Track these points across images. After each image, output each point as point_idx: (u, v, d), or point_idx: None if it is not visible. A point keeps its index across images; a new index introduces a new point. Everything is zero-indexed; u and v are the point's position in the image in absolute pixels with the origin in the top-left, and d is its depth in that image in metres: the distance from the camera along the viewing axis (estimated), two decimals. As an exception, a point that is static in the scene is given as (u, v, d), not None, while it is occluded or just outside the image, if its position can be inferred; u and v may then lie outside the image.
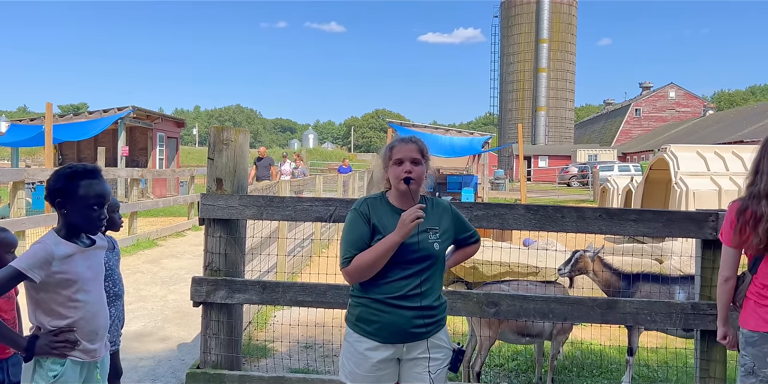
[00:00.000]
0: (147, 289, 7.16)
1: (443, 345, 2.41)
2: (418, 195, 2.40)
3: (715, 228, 3.43)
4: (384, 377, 2.37)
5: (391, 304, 2.31)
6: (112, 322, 3.00)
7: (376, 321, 2.33)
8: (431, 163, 2.46)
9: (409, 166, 2.34)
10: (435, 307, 2.38)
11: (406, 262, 2.31)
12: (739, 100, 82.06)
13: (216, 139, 3.81)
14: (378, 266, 2.28)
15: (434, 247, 2.34)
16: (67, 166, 2.19)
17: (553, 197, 26.24)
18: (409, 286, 2.31)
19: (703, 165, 11.27)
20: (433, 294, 2.38)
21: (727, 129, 43.69)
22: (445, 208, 2.47)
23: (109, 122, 18.21)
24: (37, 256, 2.05)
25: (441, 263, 2.42)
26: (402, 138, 2.45)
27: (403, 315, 2.31)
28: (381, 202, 2.41)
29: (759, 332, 2.54)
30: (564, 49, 60.94)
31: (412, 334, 2.33)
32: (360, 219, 2.35)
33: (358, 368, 2.36)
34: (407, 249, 2.30)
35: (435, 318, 2.38)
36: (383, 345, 2.33)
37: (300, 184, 10.54)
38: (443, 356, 2.41)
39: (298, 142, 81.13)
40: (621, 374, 4.35)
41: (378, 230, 2.32)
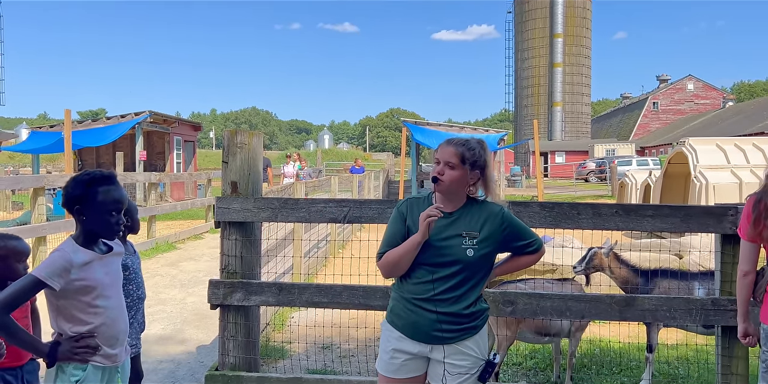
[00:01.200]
0: (166, 292, 7.23)
1: (471, 353, 2.35)
2: (455, 198, 2.36)
3: (735, 222, 3.39)
4: (404, 368, 2.37)
5: (416, 304, 2.34)
6: (132, 325, 3.04)
7: (404, 317, 2.37)
8: (486, 169, 2.37)
9: (441, 167, 2.33)
10: (465, 315, 2.33)
11: (432, 265, 2.32)
12: (759, 90, 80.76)
13: (230, 142, 3.84)
14: (403, 264, 2.33)
15: (466, 253, 2.30)
16: (84, 172, 2.22)
17: (571, 193, 26.03)
18: (435, 290, 2.31)
19: (723, 158, 11.09)
20: (463, 302, 2.32)
21: (748, 120, 43.00)
22: (493, 213, 2.38)
23: (127, 127, 18.42)
24: (56, 265, 2.08)
25: (478, 271, 2.34)
26: (449, 140, 2.42)
27: (427, 317, 2.32)
28: (424, 201, 2.42)
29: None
30: (579, 43, 60.40)
31: (435, 337, 2.33)
32: (398, 217, 2.42)
33: (384, 354, 2.41)
34: (434, 252, 2.30)
35: (463, 325, 2.33)
36: (408, 339, 2.36)
37: (315, 186, 10.58)
38: (469, 364, 2.34)
39: (313, 143, 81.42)
40: (641, 371, 4.31)
41: (411, 229, 2.36)
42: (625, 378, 4.32)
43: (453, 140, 2.40)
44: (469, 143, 2.38)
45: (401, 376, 2.38)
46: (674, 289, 4.22)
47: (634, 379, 4.26)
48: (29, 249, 2.69)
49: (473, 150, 2.35)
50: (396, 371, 2.38)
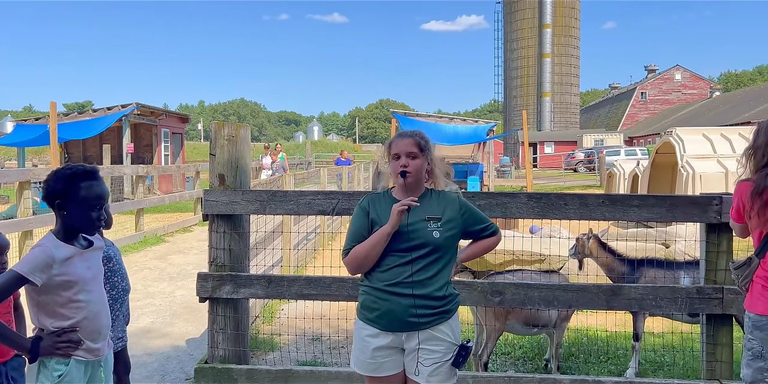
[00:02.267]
0: (155, 286, 7.21)
1: (445, 338, 2.39)
2: (417, 187, 2.46)
3: (719, 212, 3.42)
4: (385, 365, 2.41)
5: (388, 291, 2.37)
6: (117, 317, 3.03)
7: (376, 308, 2.39)
8: (434, 157, 2.49)
9: (405, 160, 2.41)
10: (437, 297, 2.38)
11: (402, 250, 2.37)
12: (746, 80, 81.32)
13: (217, 134, 3.82)
14: (372, 256, 2.37)
15: (433, 234, 2.37)
16: (66, 167, 2.19)
17: (560, 183, 26.14)
18: (406, 273, 2.36)
19: (710, 147, 11.19)
20: (435, 284, 2.38)
21: (734, 110, 43.32)
22: (452, 199, 2.49)
23: (113, 120, 18.24)
24: (38, 260, 2.07)
25: (445, 253, 2.42)
26: (400, 133, 2.51)
27: (401, 303, 2.35)
28: (384, 196, 2.50)
29: (766, 316, 2.53)
30: (568, 33, 60.41)
31: (410, 323, 2.36)
32: (361, 213, 2.48)
33: (361, 354, 2.43)
34: (403, 237, 2.37)
35: (436, 309, 2.38)
36: (383, 332, 2.39)
37: (304, 178, 10.55)
38: (444, 349, 2.38)
39: (303, 135, 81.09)
40: (628, 360, 4.36)
41: (376, 222, 2.42)
42: (612, 366, 4.37)
43: (405, 133, 2.49)
44: (419, 133, 2.49)
45: (384, 373, 2.42)
46: (660, 278, 4.27)
47: (621, 367, 4.31)
48: (8, 243, 2.67)
49: (424, 138, 2.48)
50: (378, 369, 2.41)
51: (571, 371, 4.25)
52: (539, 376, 3.60)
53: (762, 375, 2.54)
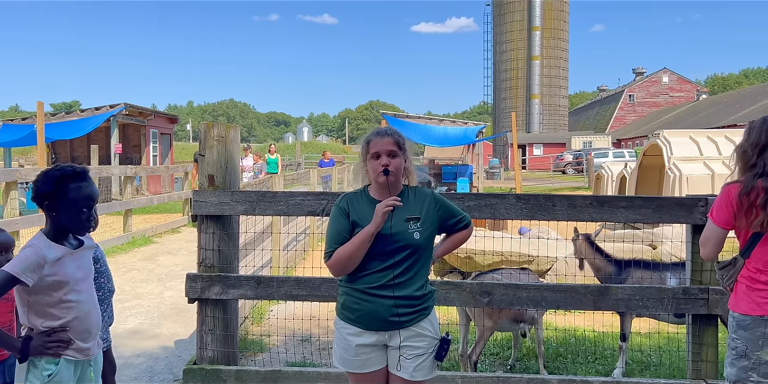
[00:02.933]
0: (143, 287, 7.17)
1: (426, 334, 2.43)
2: (398, 186, 2.45)
3: (705, 213, 3.46)
4: (369, 361, 2.44)
5: (371, 293, 2.38)
6: (103, 318, 3.02)
7: (358, 309, 2.40)
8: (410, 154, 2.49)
9: (386, 159, 2.39)
10: (417, 297, 2.41)
11: (385, 253, 2.37)
12: (732, 83, 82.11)
13: (206, 135, 3.81)
14: (356, 258, 2.35)
15: (413, 236, 2.38)
16: (55, 168, 2.18)
17: (548, 185, 26.28)
18: (389, 276, 2.36)
19: (696, 150, 11.30)
20: (415, 284, 2.41)
21: (721, 113, 43.72)
22: (427, 195, 2.49)
23: (101, 120, 18.12)
24: (29, 261, 2.06)
25: (424, 253, 2.43)
26: (378, 131, 2.49)
27: (383, 304, 2.37)
28: (361, 196, 2.47)
29: (751, 316, 2.55)
30: (557, 36, 60.72)
31: (391, 322, 2.38)
32: (339, 214, 2.43)
33: (345, 353, 2.45)
34: (386, 240, 2.35)
35: (416, 307, 2.41)
36: (366, 331, 2.41)
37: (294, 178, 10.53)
38: (426, 345, 2.42)
39: (292, 136, 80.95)
40: (615, 360, 4.39)
41: (357, 223, 2.39)
42: (599, 366, 4.40)
43: (383, 131, 2.47)
44: (395, 130, 2.48)
45: (369, 369, 2.45)
46: (647, 279, 4.31)
47: (609, 368, 4.34)
48: (13, 241, 2.67)
49: (402, 136, 2.47)
50: (362, 366, 2.44)
51: (559, 371, 4.28)
52: (527, 376, 3.62)
53: (746, 374, 2.56)
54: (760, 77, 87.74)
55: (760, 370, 2.53)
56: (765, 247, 2.56)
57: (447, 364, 4.38)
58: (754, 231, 2.57)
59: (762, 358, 2.53)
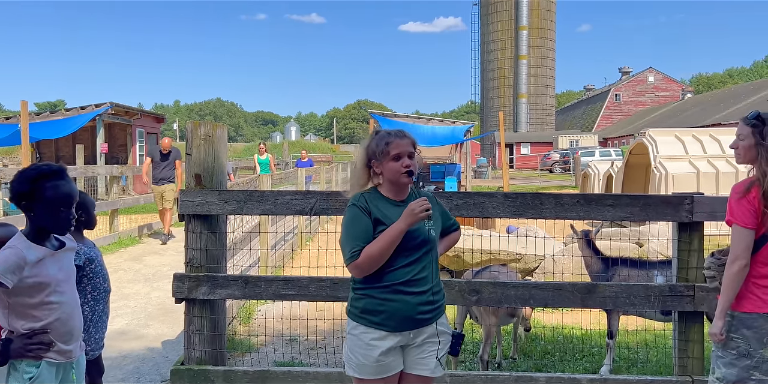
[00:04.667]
0: (130, 287, 7.11)
1: (445, 330, 2.50)
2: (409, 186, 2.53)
3: (691, 211, 3.49)
4: (391, 364, 2.41)
5: (398, 290, 2.36)
6: (100, 318, 3.00)
7: (383, 311, 2.36)
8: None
9: (408, 160, 2.42)
10: (437, 292, 2.47)
11: (408, 249, 2.38)
12: (716, 83, 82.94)
13: (193, 134, 3.79)
14: (387, 255, 2.34)
15: (430, 233, 2.45)
16: (31, 167, 2.14)
17: (536, 184, 26.40)
18: (413, 271, 2.39)
19: (682, 148, 11.39)
20: (435, 279, 2.48)
21: (705, 112, 44.16)
22: (430, 197, 2.56)
23: (87, 119, 17.94)
24: (9, 262, 2.03)
25: (436, 250, 2.51)
26: (395, 133, 2.48)
27: (409, 302, 2.36)
28: (375, 195, 2.47)
29: (758, 313, 2.54)
30: (544, 36, 60.98)
31: (419, 320, 2.39)
32: (361, 213, 2.40)
33: (366, 359, 2.38)
34: (409, 236, 2.37)
35: (438, 303, 2.47)
36: (391, 334, 2.37)
37: (281, 178, 10.50)
38: (445, 340, 2.49)
39: (280, 135, 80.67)
40: (603, 357, 4.42)
41: (381, 221, 2.38)
42: (587, 363, 4.43)
43: (401, 133, 2.49)
44: (405, 131, 2.52)
45: (387, 374, 2.42)
46: (634, 276, 4.34)
47: (596, 365, 4.37)
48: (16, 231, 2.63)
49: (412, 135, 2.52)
50: (383, 372, 2.40)
51: (546, 369, 4.30)
52: (516, 374, 3.63)
53: (748, 373, 2.53)
54: (743, 77, 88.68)
55: (763, 368, 2.52)
56: None
57: (471, 365, 4.38)
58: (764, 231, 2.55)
59: (765, 356, 2.52)
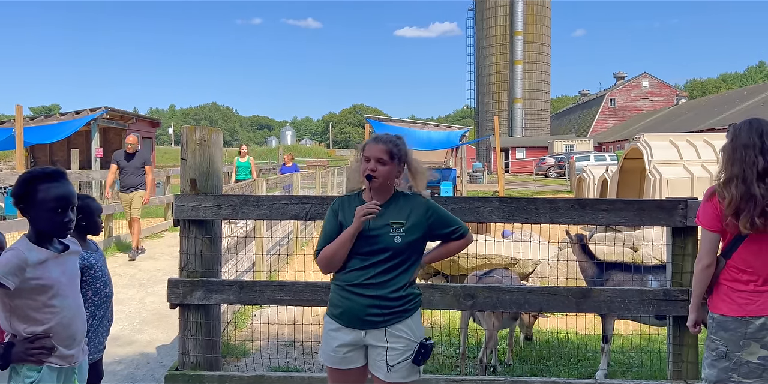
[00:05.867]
0: (124, 292, 7.08)
1: (403, 336, 2.48)
2: (383, 191, 2.54)
3: (685, 216, 3.50)
4: (348, 359, 2.53)
5: (349, 290, 2.50)
6: (101, 322, 2.99)
7: (339, 306, 2.53)
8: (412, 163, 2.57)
9: (374, 164, 2.49)
10: (394, 298, 2.48)
11: (364, 254, 2.49)
12: (710, 88, 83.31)
13: (188, 139, 3.78)
14: (339, 256, 2.49)
15: (395, 240, 2.47)
16: (28, 171, 2.17)
17: (531, 188, 26.45)
18: (366, 276, 2.47)
19: (676, 153, 11.44)
20: (392, 286, 2.48)
21: (700, 117, 44.37)
22: (419, 203, 2.55)
23: (82, 123, 17.91)
24: (11, 263, 2.03)
25: (407, 257, 2.51)
26: (377, 137, 2.57)
27: (359, 302, 2.48)
28: (354, 199, 2.58)
29: (733, 317, 2.57)
30: (539, 41, 61.25)
31: (367, 321, 2.48)
32: (331, 215, 2.59)
33: (327, 347, 2.57)
34: (366, 241, 2.48)
35: (392, 309, 2.48)
36: (345, 328, 2.52)
37: (276, 183, 10.48)
38: (403, 347, 2.48)
39: (275, 139, 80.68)
40: (598, 362, 4.42)
41: (344, 225, 2.53)
42: (582, 368, 4.43)
43: (380, 138, 2.56)
44: (394, 139, 2.56)
45: (345, 366, 2.54)
46: (628, 281, 4.35)
47: (591, 369, 4.37)
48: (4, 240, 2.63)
49: (399, 146, 2.55)
50: (341, 362, 2.54)
51: (542, 374, 4.29)
52: (511, 378, 3.63)
53: (727, 374, 2.57)
54: (737, 82, 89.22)
55: (741, 371, 2.55)
56: (747, 249, 2.58)
57: (431, 368, 4.38)
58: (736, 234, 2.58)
59: (743, 359, 2.54)
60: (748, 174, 2.52)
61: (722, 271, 2.64)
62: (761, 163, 2.52)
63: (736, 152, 2.58)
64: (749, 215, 2.49)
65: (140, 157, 9.47)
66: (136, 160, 9.43)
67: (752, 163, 2.52)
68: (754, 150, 2.54)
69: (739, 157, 2.56)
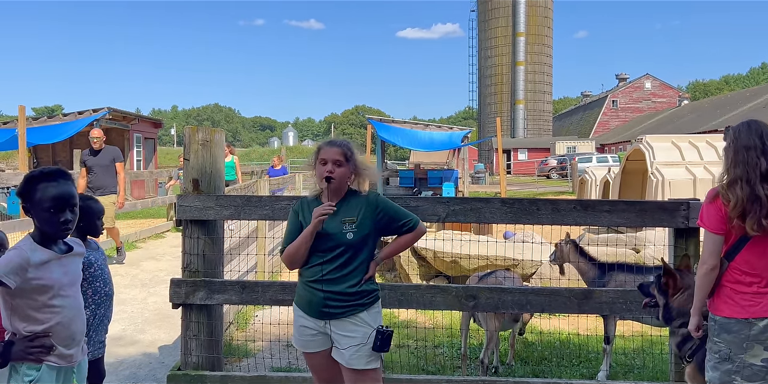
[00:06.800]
0: (126, 292, 7.09)
1: (359, 325, 2.62)
2: (339, 191, 2.69)
3: (687, 217, 3.50)
4: (312, 343, 2.71)
5: (310, 286, 2.66)
6: (101, 322, 3.00)
7: (302, 296, 2.72)
8: (360, 163, 2.72)
9: (331, 166, 2.65)
10: (349, 293, 2.62)
11: (321, 251, 2.65)
12: (713, 89, 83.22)
13: (191, 139, 3.79)
14: (300, 254, 2.66)
15: (347, 236, 2.62)
16: (32, 170, 2.19)
17: (533, 189, 26.43)
18: (324, 270, 2.63)
19: (678, 155, 11.42)
20: (347, 281, 2.62)
21: (702, 118, 44.31)
22: (368, 200, 2.70)
23: (84, 124, 17.94)
24: (13, 263, 2.04)
25: (358, 252, 2.64)
26: (330, 141, 2.75)
27: (316, 295, 2.64)
28: (313, 201, 2.75)
29: (736, 319, 2.55)
30: (541, 42, 61.26)
31: (324, 313, 2.63)
32: (293, 216, 2.77)
33: (296, 332, 2.77)
34: (323, 239, 2.63)
35: (349, 303, 2.62)
36: (306, 315, 2.70)
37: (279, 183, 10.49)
38: (360, 336, 2.61)
39: (278, 140, 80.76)
40: (599, 363, 4.42)
41: (303, 225, 2.68)
42: (584, 369, 4.43)
43: (335, 141, 2.74)
44: (345, 142, 2.74)
45: (312, 350, 2.72)
46: (630, 282, 4.35)
47: (593, 371, 4.37)
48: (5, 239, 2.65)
49: (351, 149, 2.72)
50: (306, 346, 2.72)
51: (543, 375, 4.30)
52: (513, 379, 3.63)
53: (730, 377, 2.55)
54: (740, 83, 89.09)
55: (744, 373, 2.53)
56: (751, 250, 2.57)
57: (433, 368, 4.38)
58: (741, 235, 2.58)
59: (746, 361, 2.53)
60: (751, 176, 2.52)
61: (725, 273, 2.63)
62: (764, 165, 2.52)
63: (738, 154, 2.57)
64: (756, 217, 2.49)
65: (108, 153, 8.19)
66: (103, 157, 8.11)
67: (755, 164, 2.53)
68: (756, 151, 2.54)
69: (741, 159, 2.56)
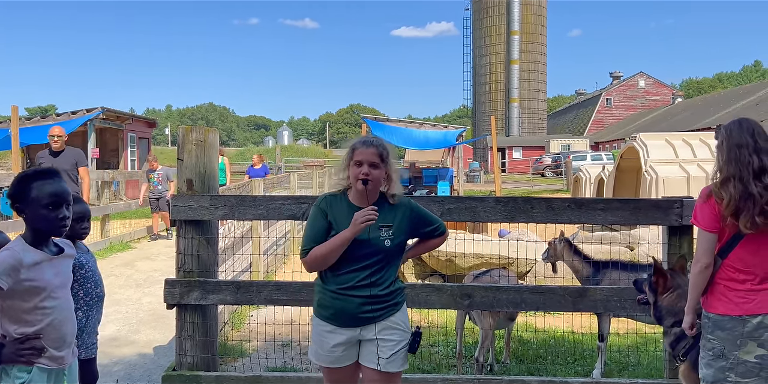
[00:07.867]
0: (121, 293, 7.08)
1: (397, 327, 2.57)
2: (375, 195, 2.57)
3: (680, 215, 3.51)
4: (342, 358, 2.59)
5: (342, 293, 2.53)
6: (93, 323, 2.99)
7: (331, 307, 2.56)
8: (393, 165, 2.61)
9: (367, 168, 2.52)
10: (385, 295, 2.56)
11: (357, 258, 2.52)
12: (706, 87, 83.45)
13: (185, 139, 3.78)
14: (331, 259, 2.51)
15: (385, 243, 2.53)
16: (23, 170, 2.18)
17: (528, 188, 26.49)
18: (358, 277, 2.52)
19: (672, 152, 11.46)
20: (384, 283, 2.56)
21: (695, 116, 44.47)
22: (402, 205, 2.62)
23: (78, 124, 17.88)
24: (5, 264, 2.03)
25: (394, 258, 2.59)
26: (365, 140, 2.61)
27: (353, 302, 2.52)
28: (340, 199, 2.61)
29: (730, 316, 2.56)
30: (535, 40, 61.33)
31: (362, 318, 2.54)
32: (319, 214, 2.58)
33: (320, 348, 2.60)
34: (359, 245, 2.51)
35: (385, 304, 2.56)
36: (339, 328, 2.56)
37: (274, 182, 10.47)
38: (398, 338, 2.57)
39: (272, 139, 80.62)
40: (594, 360, 4.43)
41: (333, 226, 2.54)
42: (579, 367, 4.44)
43: (369, 141, 2.60)
44: (380, 141, 2.61)
45: (340, 365, 2.60)
46: (623, 279, 4.36)
47: (588, 368, 4.38)
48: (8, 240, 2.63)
49: (386, 149, 2.60)
50: (335, 362, 2.59)
51: (538, 373, 4.30)
52: (508, 378, 3.64)
53: (724, 374, 2.56)
54: (733, 81, 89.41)
55: (738, 370, 2.54)
56: (744, 248, 2.58)
57: (428, 367, 4.39)
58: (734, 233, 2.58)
59: (740, 358, 2.54)
60: (744, 174, 2.53)
61: (718, 270, 2.64)
62: (756, 162, 2.53)
63: (731, 152, 2.59)
64: (749, 215, 2.50)
65: (70, 156, 7.11)
66: (64, 159, 6.94)
67: (747, 162, 2.54)
68: (748, 149, 2.55)
69: (734, 157, 2.57)
